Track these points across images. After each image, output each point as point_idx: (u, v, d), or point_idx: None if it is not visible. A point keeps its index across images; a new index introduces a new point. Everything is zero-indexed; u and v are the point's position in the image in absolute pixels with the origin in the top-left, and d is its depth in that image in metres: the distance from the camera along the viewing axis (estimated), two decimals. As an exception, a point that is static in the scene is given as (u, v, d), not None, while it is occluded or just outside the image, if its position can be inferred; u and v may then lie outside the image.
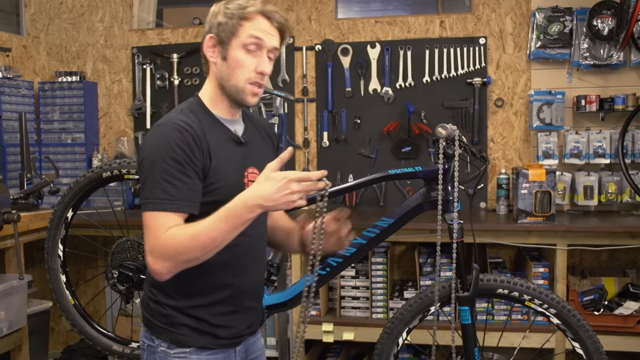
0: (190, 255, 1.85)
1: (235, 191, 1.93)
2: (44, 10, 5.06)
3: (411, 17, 4.65)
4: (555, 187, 3.87)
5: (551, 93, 4.29)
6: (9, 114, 4.41)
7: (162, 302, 2.05)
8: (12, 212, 3.38)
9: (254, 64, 1.98)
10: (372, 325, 4.07)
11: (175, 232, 1.84)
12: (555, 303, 2.71)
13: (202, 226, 1.83)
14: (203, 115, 2.02)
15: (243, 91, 2.00)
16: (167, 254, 1.84)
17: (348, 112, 4.65)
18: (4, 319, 3.57)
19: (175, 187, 1.87)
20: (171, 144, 1.88)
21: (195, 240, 1.83)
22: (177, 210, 1.87)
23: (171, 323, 2.04)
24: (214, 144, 1.97)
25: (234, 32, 1.98)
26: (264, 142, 2.22)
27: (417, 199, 2.68)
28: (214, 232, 1.83)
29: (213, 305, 2.05)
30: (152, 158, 1.91)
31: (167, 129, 1.92)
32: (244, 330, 2.15)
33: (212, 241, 1.83)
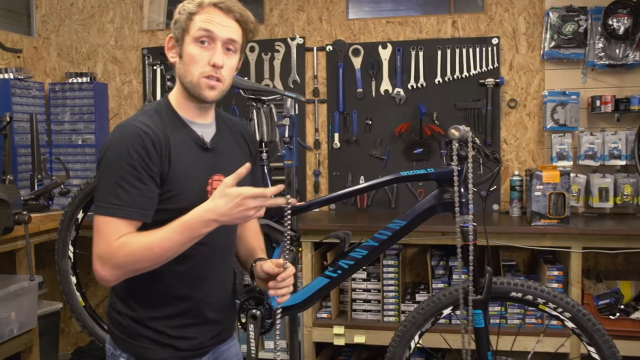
0: (141, 265, 1.81)
1: (197, 199, 1.89)
2: (54, 12, 5.05)
3: (423, 17, 4.61)
4: (569, 189, 3.83)
5: (565, 94, 4.24)
6: (20, 115, 4.40)
7: (121, 312, 2.00)
8: (23, 213, 3.38)
9: (207, 57, 1.91)
10: (383, 329, 4.03)
11: (127, 240, 1.80)
12: (570, 307, 2.68)
13: (156, 237, 1.79)
14: (169, 117, 1.96)
15: (199, 86, 1.92)
16: (117, 262, 1.80)
17: (359, 113, 4.62)
18: (14, 320, 3.57)
19: (127, 192, 1.81)
20: (128, 148, 1.83)
21: (147, 251, 1.79)
22: (127, 216, 1.81)
23: (130, 334, 1.99)
24: (177, 148, 1.92)
25: (186, 28, 1.92)
26: (237, 148, 2.14)
27: (430, 201, 2.67)
28: (168, 244, 1.79)
29: (171, 318, 1.99)
30: (108, 161, 1.86)
31: (126, 131, 1.86)
32: (207, 341, 2.08)
33: (164, 252, 1.80)
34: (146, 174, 1.83)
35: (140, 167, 1.82)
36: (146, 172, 1.83)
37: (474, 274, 2.61)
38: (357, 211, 4.62)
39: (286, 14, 4.74)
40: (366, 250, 2.71)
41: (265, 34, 4.77)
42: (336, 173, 4.67)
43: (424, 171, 2.71)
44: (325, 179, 4.71)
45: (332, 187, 4.66)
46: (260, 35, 4.76)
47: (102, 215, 1.82)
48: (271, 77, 4.72)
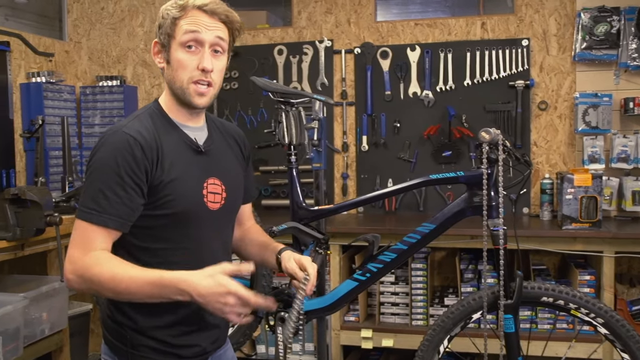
0: (101, 292, 1.77)
1: (192, 202, 1.88)
2: (85, 16, 5.10)
3: (452, 19, 4.58)
4: (601, 193, 3.77)
5: (597, 95, 4.18)
6: (51, 118, 4.46)
7: (121, 323, 1.95)
8: (55, 214, 3.40)
9: (195, 61, 1.86)
10: (411, 332, 4.01)
11: (100, 260, 1.76)
12: (603, 312, 2.64)
13: (127, 275, 1.73)
14: (161, 121, 1.92)
15: (188, 92, 1.88)
16: (84, 275, 1.75)
17: (387, 116, 4.60)
18: (46, 320, 3.60)
19: (108, 199, 1.78)
20: (114, 154, 1.79)
21: (112, 283, 1.73)
22: (103, 224, 1.77)
23: (132, 344, 1.94)
24: (171, 153, 1.88)
25: (171, 33, 1.87)
26: (230, 151, 2.10)
27: (459, 205, 2.65)
28: (134, 288, 1.72)
29: (173, 326, 1.95)
30: (93, 165, 1.82)
31: (115, 137, 1.82)
32: (208, 346, 2.04)
33: (128, 294, 1.74)
34: (131, 182, 1.79)
35: (126, 175, 1.79)
36: (131, 180, 1.79)
37: (504, 278, 2.58)
38: (385, 214, 4.60)
39: (314, 16, 4.73)
40: (395, 254, 2.70)
41: (293, 37, 4.77)
42: (364, 176, 4.66)
43: (454, 174, 2.69)
44: (354, 182, 4.70)
45: (360, 190, 4.65)
46: (288, 38, 4.77)
47: (80, 220, 1.80)
48: (299, 80, 4.72)
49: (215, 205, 1.95)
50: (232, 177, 2.05)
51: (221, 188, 1.97)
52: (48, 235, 3.46)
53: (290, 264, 2.06)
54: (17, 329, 3.31)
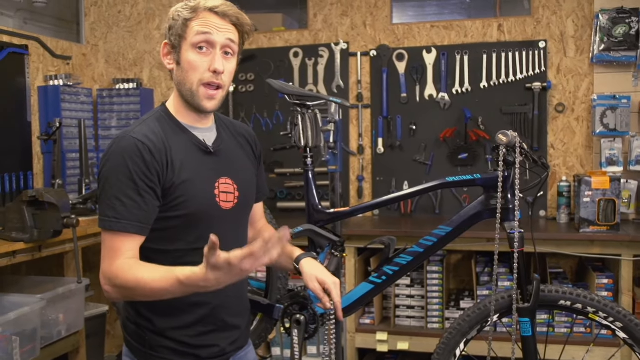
0: (134, 297, 1.81)
1: (205, 203, 1.89)
2: (103, 19, 5.13)
3: (468, 21, 4.57)
4: (619, 196, 3.74)
5: (615, 97, 4.15)
6: (68, 120, 4.48)
7: (140, 325, 1.97)
8: (72, 216, 3.42)
9: (207, 63, 1.87)
10: (427, 335, 4.00)
11: (125, 267, 1.77)
12: (622, 316, 2.61)
13: (151, 278, 1.73)
14: (169, 125, 1.93)
15: (197, 95, 1.89)
16: (114, 283, 1.78)
17: (403, 118, 4.59)
18: (62, 321, 3.62)
19: (124, 205, 1.80)
20: (125, 160, 1.81)
21: (139, 289, 1.74)
22: (124, 230, 1.79)
23: (151, 346, 1.96)
24: (180, 155, 1.89)
25: (182, 34, 1.88)
26: (240, 149, 2.11)
27: (476, 207, 2.64)
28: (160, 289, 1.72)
29: (190, 327, 1.96)
30: (105, 173, 1.84)
31: (123, 143, 1.83)
32: (227, 347, 2.04)
33: (154, 294, 1.75)
34: (145, 186, 1.81)
35: (139, 179, 1.80)
36: (145, 184, 1.81)
37: (520, 281, 2.57)
38: (401, 217, 4.59)
39: (330, 19, 4.73)
40: (411, 257, 2.69)
41: (309, 40, 4.77)
42: (380, 178, 4.65)
43: (470, 177, 2.67)
44: (369, 185, 4.69)
45: (375, 193, 4.64)
46: (304, 40, 4.77)
47: (102, 229, 1.83)
48: (315, 83, 4.72)
49: (228, 204, 1.96)
50: (244, 176, 2.06)
51: (233, 187, 1.98)
52: (65, 237, 3.48)
53: (313, 284, 2.12)
54: (34, 330, 3.33)
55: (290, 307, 2.62)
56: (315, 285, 2.13)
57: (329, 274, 2.18)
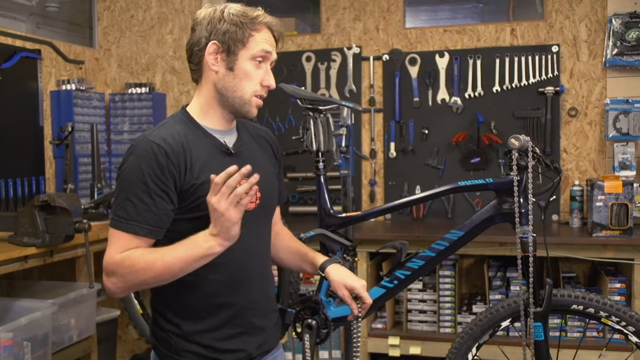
0: (142, 280, 1.82)
1: None
2: (115, 24, 5.16)
3: (481, 25, 4.56)
4: (632, 200, 3.73)
5: (628, 102, 4.14)
6: (80, 125, 4.49)
7: (166, 329, 1.98)
8: (83, 221, 3.41)
9: (260, 76, 1.95)
10: (439, 340, 4.00)
11: (130, 254, 1.81)
12: (635, 321, 2.60)
13: (159, 252, 1.80)
14: (189, 127, 1.96)
15: (249, 103, 1.96)
16: (117, 272, 1.82)
17: (416, 123, 4.59)
18: (74, 326, 3.61)
19: (135, 207, 1.83)
20: (140, 163, 1.84)
21: (147, 264, 1.79)
22: (132, 231, 1.83)
23: (177, 350, 1.97)
24: (201, 157, 1.92)
25: (245, 42, 1.92)
26: (261, 152, 2.14)
27: (488, 212, 2.62)
28: (171, 259, 1.79)
29: (217, 329, 1.98)
30: (121, 175, 1.88)
31: (140, 146, 1.86)
32: (254, 351, 2.05)
33: (166, 269, 1.79)
34: (157, 189, 1.83)
35: (151, 182, 1.82)
36: (157, 187, 1.83)
37: (533, 285, 2.56)
38: (413, 221, 4.58)
39: (343, 23, 4.74)
40: (423, 261, 2.68)
41: (321, 44, 4.78)
42: (392, 183, 4.65)
43: (483, 181, 2.66)
44: (381, 189, 4.69)
45: (387, 197, 4.64)
46: (316, 44, 4.78)
47: (111, 228, 1.85)
48: (327, 87, 4.72)
49: (250, 205, 1.96)
50: (266, 177, 2.05)
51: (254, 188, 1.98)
52: (77, 241, 3.47)
53: (342, 292, 2.16)
54: (45, 335, 3.32)
55: (301, 312, 2.62)
56: (344, 292, 2.16)
57: (355, 277, 2.20)
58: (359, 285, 2.17)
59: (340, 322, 2.70)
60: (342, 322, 2.70)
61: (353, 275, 2.22)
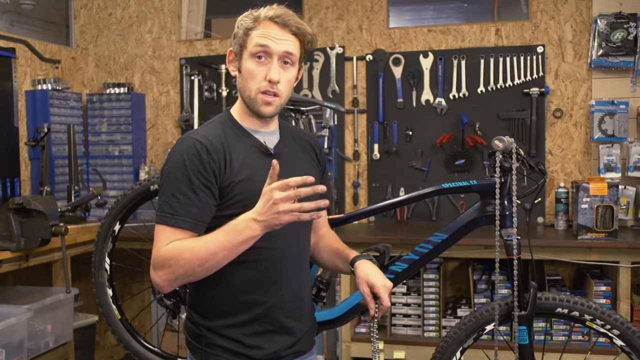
0: (188, 268, 1.85)
1: None
2: (93, 22, 5.09)
3: (465, 25, 4.53)
4: (618, 202, 3.71)
5: (614, 103, 4.11)
6: (57, 125, 4.43)
7: (197, 323, 2.06)
8: (60, 224, 3.39)
9: (264, 72, 1.97)
10: (424, 344, 3.97)
11: (175, 244, 1.87)
12: (619, 324, 2.57)
13: (203, 240, 1.86)
14: (231, 128, 2.03)
15: (256, 101, 1.99)
16: (164, 264, 1.87)
17: (399, 124, 4.54)
18: (50, 332, 3.57)
19: (179, 202, 1.90)
20: (184, 159, 1.91)
21: (193, 253, 1.84)
22: (177, 225, 1.89)
23: (206, 344, 2.04)
24: (240, 156, 1.98)
25: (243, 43, 1.99)
26: (302, 154, 2.19)
27: (472, 214, 2.59)
28: (213, 246, 1.83)
29: (246, 325, 2.03)
30: (165, 172, 1.95)
31: (183, 144, 1.95)
32: (282, 351, 2.08)
33: (211, 255, 1.83)
34: (200, 184, 1.90)
35: (195, 177, 1.89)
36: (200, 182, 1.90)
37: (517, 289, 2.53)
38: (397, 224, 4.54)
39: (325, 23, 4.69)
40: (407, 264, 2.64)
41: (304, 44, 4.72)
42: (376, 185, 4.60)
43: (467, 183, 2.63)
44: (365, 191, 4.64)
45: (371, 199, 4.60)
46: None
47: (157, 224, 1.92)
48: (310, 87, 4.67)
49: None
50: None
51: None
52: (53, 245, 3.44)
53: (363, 287, 2.13)
54: (21, 341, 3.28)
55: None
56: (365, 289, 2.13)
57: (381, 277, 2.15)
58: (380, 284, 2.12)
59: (323, 327, 2.67)
60: (325, 326, 2.67)
61: (380, 274, 2.17)
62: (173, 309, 2.91)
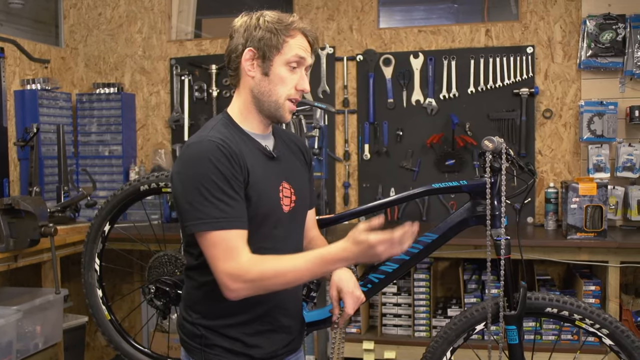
0: (272, 288, 1.89)
1: (272, 205, 2.00)
2: (82, 22, 5.07)
3: (455, 26, 4.53)
4: (607, 202, 3.72)
5: (603, 103, 4.13)
6: (46, 126, 4.41)
7: (196, 323, 2.05)
8: (49, 225, 3.37)
9: (295, 80, 2.00)
10: (414, 344, 3.97)
11: (259, 261, 1.87)
12: (608, 323, 2.58)
13: (290, 264, 1.87)
14: (234, 131, 2.02)
15: (283, 107, 2.01)
16: (250, 277, 1.85)
17: (390, 124, 4.55)
18: (39, 333, 3.55)
19: (226, 204, 1.87)
20: (213, 162, 1.87)
21: (280, 277, 1.86)
22: (235, 227, 1.87)
23: (205, 344, 2.03)
24: (249, 159, 1.97)
25: (279, 48, 1.98)
26: (293, 156, 2.21)
27: (462, 214, 2.59)
28: (302, 274, 1.88)
29: (247, 324, 2.03)
30: (193, 178, 1.88)
31: (204, 146, 1.90)
32: (280, 349, 2.11)
33: (296, 280, 1.91)
34: (235, 185, 1.90)
35: (230, 178, 1.88)
36: (236, 182, 1.90)
37: (507, 288, 2.53)
38: (388, 224, 4.48)
39: (316, 23, 4.69)
40: (397, 264, 2.64)
41: (294, 44, 4.72)
42: (366, 185, 4.61)
43: (457, 183, 2.63)
44: (355, 191, 4.64)
45: (362, 199, 4.60)
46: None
47: (212, 231, 1.86)
48: (300, 87, 4.66)
49: (287, 207, 2.06)
50: (300, 181, 2.16)
51: (291, 191, 2.08)
52: (42, 246, 3.42)
53: (332, 291, 2.16)
54: (9, 342, 3.26)
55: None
56: (333, 293, 2.16)
57: (353, 285, 2.17)
58: (349, 289, 2.14)
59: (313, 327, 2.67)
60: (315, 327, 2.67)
61: (354, 283, 2.19)
62: (163, 309, 2.90)
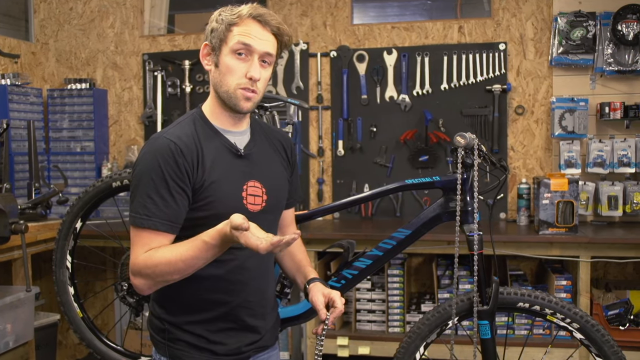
0: (168, 278, 1.86)
1: (233, 205, 1.95)
2: (53, 16, 5.01)
3: (429, 22, 4.55)
4: (578, 197, 3.77)
5: (574, 100, 4.17)
6: (17, 122, 4.36)
7: (161, 318, 2.06)
8: (20, 222, 3.33)
9: (244, 69, 1.95)
10: (388, 340, 3.98)
11: (151, 255, 1.86)
12: (579, 317, 2.61)
13: (177, 253, 1.82)
14: (202, 127, 2.01)
15: (235, 96, 1.97)
16: (144, 273, 1.86)
17: (364, 120, 4.56)
18: (10, 332, 3.51)
19: (155, 203, 1.88)
20: (158, 160, 1.89)
21: (170, 267, 1.83)
22: (154, 227, 1.87)
23: (170, 338, 2.04)
24: (211, 157, 1.96)
25: (224, 38, 1.96)
26: (273, 155, 2.17)
27: (435, 210, 2.60)
28: (190, 261, 1.82)
29: (210, 322, 2.04)
30: (139, 172, 1.92)
31: (157, 144, 1.92)
32: (244, 347, 2.09)
33: (187, 266, 1.83)
34: (176, 185, 1.88)
35: (170, 179, 1.88)
36: (175, 184, 1.88)
37: (479, 284, 2.55)
38: (362, 220, 4.55)
39: (290, 19, 4.68)
40: (370, 260, 2.65)
41: (268, 40, 4.71)
42: (340, 181, 4.61)
43: (429, 179, 2.64)
44: (329, 187, 4.65)
45: (336, 196, 4.60)
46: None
47: (132, 226, 1.90)
48: (274, 84, 4.66)
49: (255, 207, 2.03)
50: (275, 180, 2.12)
51: (262, 190, 2.05)
52: (13, 243, 3.39)
53: (318, 297, 2.11)
54: (-20, 341, 3.23)
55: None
56: (319, 298, 2.10)
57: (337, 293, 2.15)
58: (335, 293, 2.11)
59: (287, 323, 2.67)
60: (289, 323, 2.67)
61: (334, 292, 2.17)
62: (136, 307, 2.88)
